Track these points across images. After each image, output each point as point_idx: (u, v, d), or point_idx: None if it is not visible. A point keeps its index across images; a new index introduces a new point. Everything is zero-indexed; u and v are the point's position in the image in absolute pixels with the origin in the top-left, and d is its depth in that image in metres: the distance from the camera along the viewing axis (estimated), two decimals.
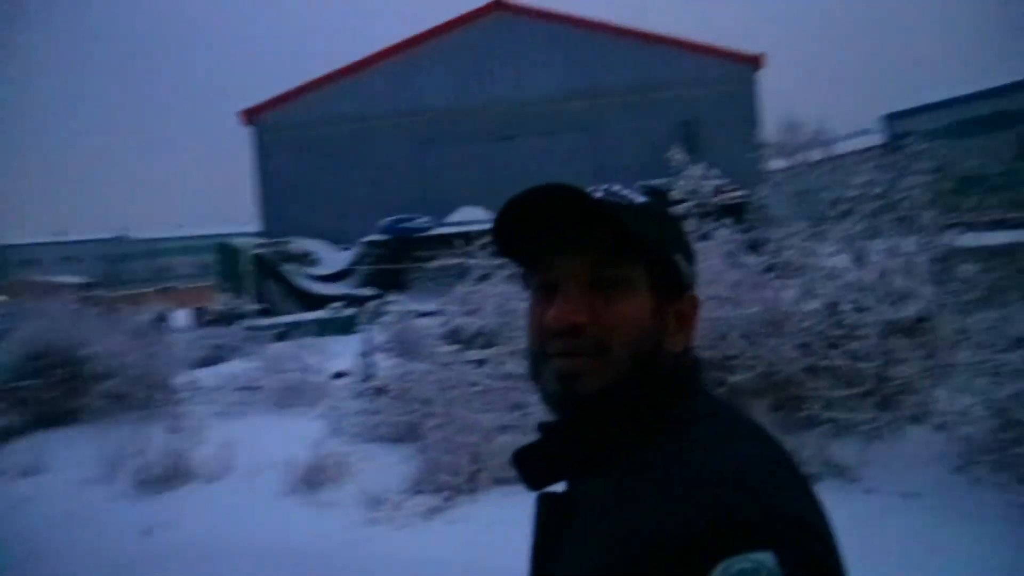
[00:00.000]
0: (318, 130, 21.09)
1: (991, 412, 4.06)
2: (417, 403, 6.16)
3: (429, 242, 17.73)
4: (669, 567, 0.65)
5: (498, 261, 8.22)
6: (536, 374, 0.86)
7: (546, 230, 0.83)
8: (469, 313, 8.91)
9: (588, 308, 0.80)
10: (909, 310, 5.14)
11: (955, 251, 5.36)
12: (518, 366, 7.48)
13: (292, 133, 21.24)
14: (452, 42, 21.42)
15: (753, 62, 21.04)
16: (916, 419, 4.72)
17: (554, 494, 0.86)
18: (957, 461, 4.10)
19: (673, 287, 0.85)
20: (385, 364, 8.48)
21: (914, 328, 5.01)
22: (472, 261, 8.63)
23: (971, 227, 5.95)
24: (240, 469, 5.79)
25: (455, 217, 18.85)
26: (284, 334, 12.41)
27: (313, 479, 5.30)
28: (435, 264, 17.13)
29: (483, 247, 8.09)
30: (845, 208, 5.67)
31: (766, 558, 0.61)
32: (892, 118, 43.26)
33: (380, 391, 6.86)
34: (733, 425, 0.79)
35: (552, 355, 0.82)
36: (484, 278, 8.59)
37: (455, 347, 8.29)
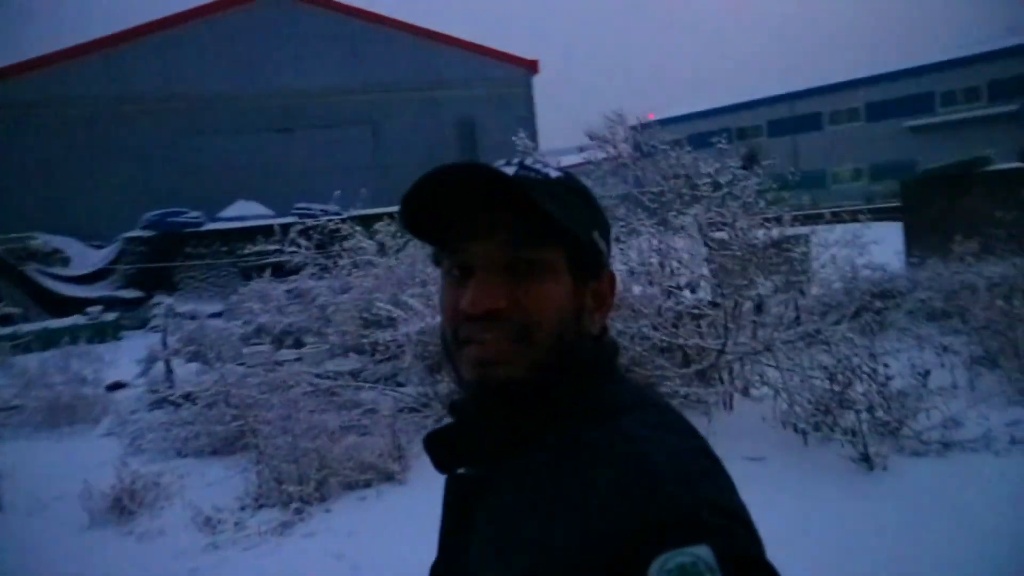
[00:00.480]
0: (62, 110, 18.35)
1: (812, 379, 4.58)
2: (236, 410, 5.57)
3: (201, 238, 16.26)
4: (602, 562, 0.63)
5: (303, 256, 7.79)
6: (451, 360, 0.83)
7: (458, 210, 0.79)
8: (275, 311, 8.28)
9: (506, 293, 0.77)
10: (702, 295, 5.70)
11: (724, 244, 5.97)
12: (340, 363, 7.11)
13: (29, 113, 18.23)
14: (225, 24, 19.81)
15: (530, 66, 22.06)
16: (746, 391, 5.19)
17: (465, 475, 0.83)
18: (791, 425, 4.57)
19: (591, 266, 0.83)
20: (183, 371, 7.57)
21: (703, 313, 5.52)
22: (270, 258, 8.06)
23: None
24: (19, 505, 4.81)
25: (230, 211, 17.50)
26: (28, 344, 10.66)
27: (124, 506, 4.53)
28: (212, 260, 15.76)
29: (285, 241, 7.61)
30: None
31: (703, 551, 0.61)
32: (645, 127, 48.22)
33: (186, 400, 6.07)
34: (660, 416, 0.78)
35: (467, 341, 0.78)
36: (289, 272, 8.04)
37: (265, 347, 7.65)
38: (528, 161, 0.81)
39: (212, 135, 19.37)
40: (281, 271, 8.28)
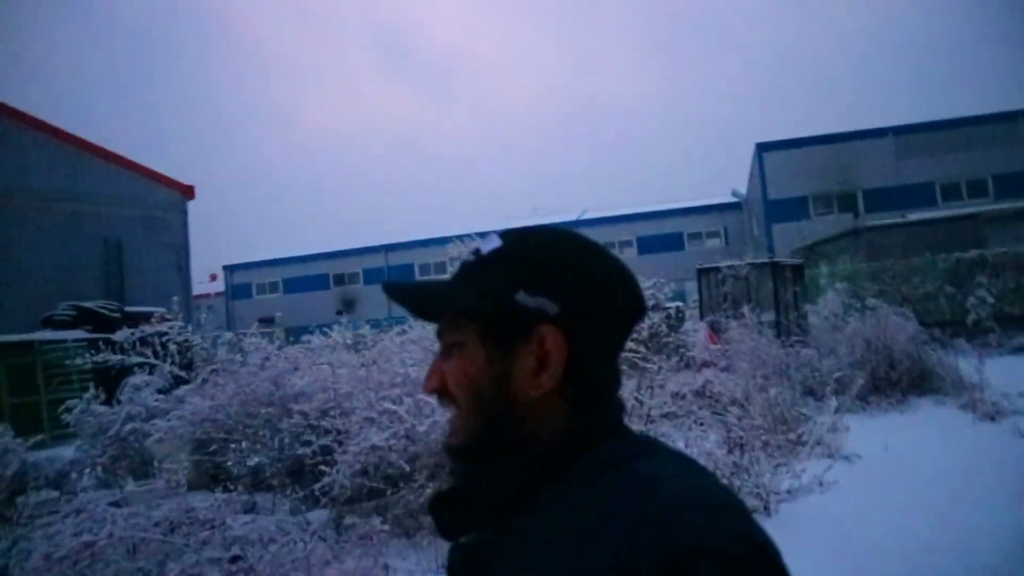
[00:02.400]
0: None
1: None
2: None
3: None
4: None
5: None
6: None
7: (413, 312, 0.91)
8: None
9: (438, 373, 0.84)
10: None
11: None
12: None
13: None
14: None
15: (186, 191, 21.10)
16: None
17: (470, 542, 0.82)
18: None
19: (514, 330, 0.79)
20: None
21: None
22: None
23: None
24: None
25: None
26: None
27: None
28: None
29: None
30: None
31: None
32: (231, 269, 47.41)
33: None
34: (672, 457, 0.76)
35: None
36: None
37: None
38: (480, 245, 0.85)
39: None
40: None
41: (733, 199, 38.38)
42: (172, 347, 6.79)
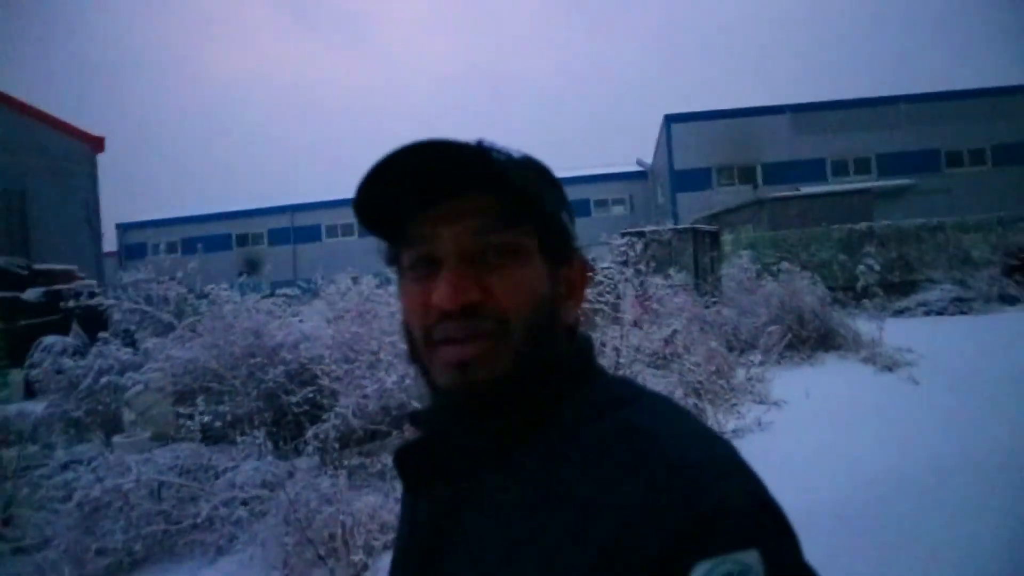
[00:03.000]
0: None
1: None
2: None
3: None
4: (632, 569, 0.55)
5: None
6: (420, 363, 0.75)
7: (416, 195, 0.70)
8: None
9: (479, 283, 0.69)
10: None
11: None
12: None
13: None
14: None
15: (95, 143, 19.89)
16: None
17: (441, 496, 0.73)
18: None
19: (562, 250, 0.75)
20: None
21: None
22: None
23: None
24: None
25: None
26: None
27: None
28: None
29: None
30: None
31: (751, 558, 0.54)
32: (125, 228, 44.84)
33: None
34: (663, 404, 0.70)
35: (444, 341, 0.69)
36: None
37: None
38: (486, 142, 0.71)
39: None
40: None
41: (638, 168, 39.65)
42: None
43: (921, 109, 29.31)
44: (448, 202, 0.70)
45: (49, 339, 12.03)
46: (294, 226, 42.37)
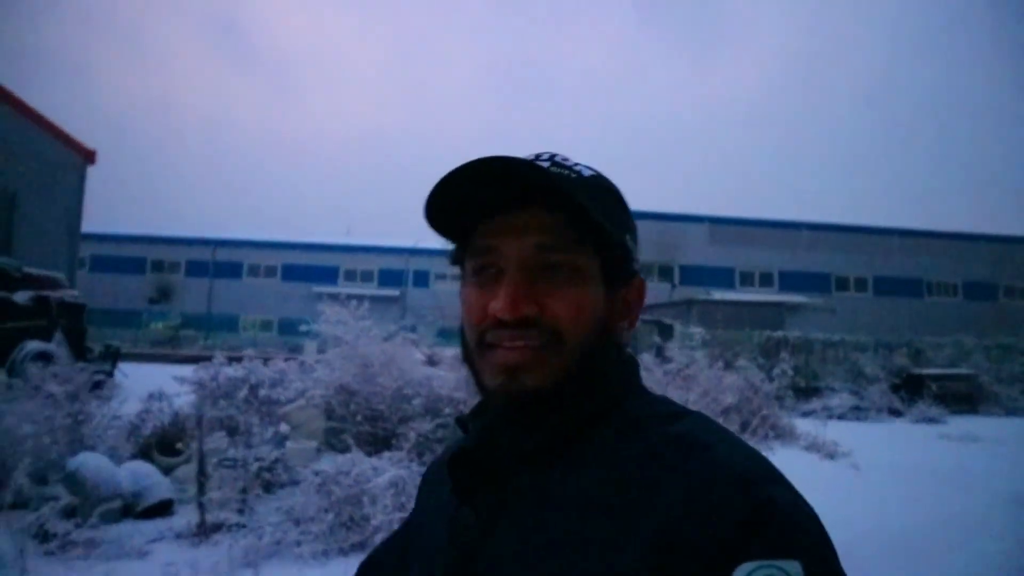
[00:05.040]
0: None
1: None
2: None
3: None
4: (681, 565, 0.58)
5: None
6: (472, 365, 0.80)
7: (487, 207, 0.76)
8: None
9: (537, 298, 0.73)
10: None
11: None
12: None
13: None
14: None
15: (87, 155, 19.78)
16: None
17: (483, 498, 0.74)
18: None
19: (622, 271, 0.80)
20: None
21: None
22: None
23: None
24: None
25: None
26: None
27: None
28: None
29: None
30: None
31: (793, 568, 0.56)
32: None
33: None
34: (709, 422, 0.73)
35: (495, 345, 0.74)
36: None
37: None
38: (559, 158, 0.78)
39: None
40: None
41: None
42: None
43: (818, 236, 33.40)
44: (515, 215, 0.74)
45: (33, 344, 12.22)
46: (215, 260, 41.71)
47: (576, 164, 0.78)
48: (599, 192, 0.77)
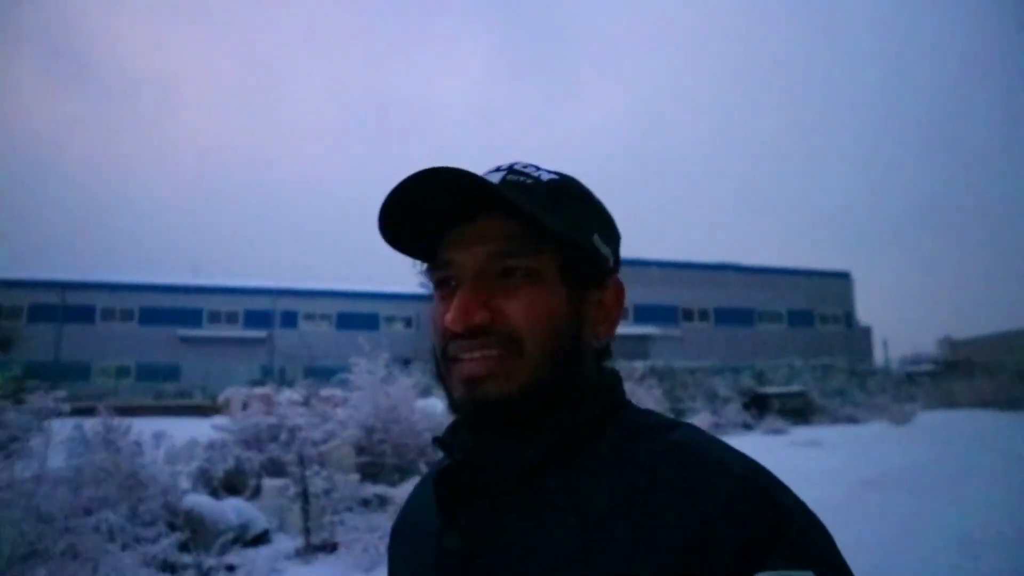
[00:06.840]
0: None
1: None
2: None
3: None
4: (702, 573, 0.58)
5: None
6: (443, 380, 0.78)
7: (439, 220, 0.75)
8: None
9: (488, 305, 0.72)
10: None
11: None
12: None
13: None
14: None
15: None
16: None
17: (468, 519, 0.72)
18: None
19: (592, 273, 0.77)
20: None
21: None
22: None
23: None
24: None
25: None
26: None
27: None
28: None
29: None
30: None
31: None
32: None
33: None
34: (709, 435, 0.72)
35: (457, 359, 0.73)
36: None
37: None
38: (518, 166, 0.77)
39: None
40: None
41: (423, 291, 43.10)
42: None
43: (667, 272, 37.32)
44: (471, 226, 0.73)
45: None
46: (65, 304, 39.14)
47: (537, 170, 0.78)
48: (560, 195, 0.76)
